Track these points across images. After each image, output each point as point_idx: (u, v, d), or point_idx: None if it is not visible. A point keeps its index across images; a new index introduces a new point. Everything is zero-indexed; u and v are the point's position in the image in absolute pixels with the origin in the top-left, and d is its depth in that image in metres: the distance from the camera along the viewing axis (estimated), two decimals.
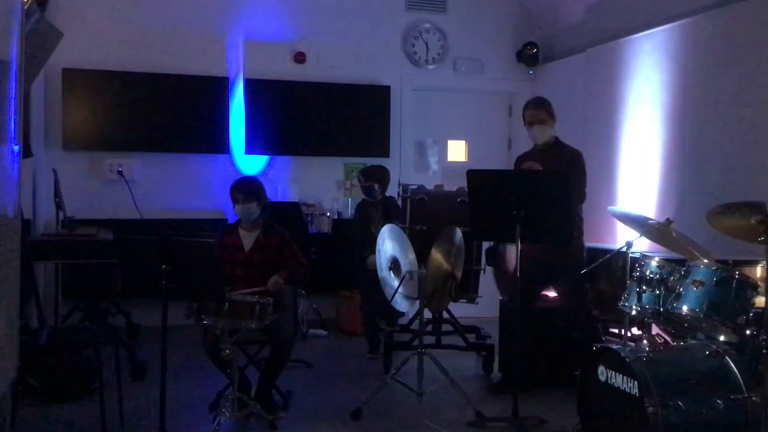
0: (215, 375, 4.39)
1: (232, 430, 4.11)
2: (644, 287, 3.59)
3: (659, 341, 3.96)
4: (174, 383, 4.16)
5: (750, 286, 3.42)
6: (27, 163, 5.23)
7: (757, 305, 3.40)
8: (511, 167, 5.51)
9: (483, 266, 5.37)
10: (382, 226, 4.82)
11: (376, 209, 5.97)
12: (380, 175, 6.02)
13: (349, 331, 6.69)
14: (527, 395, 4.40)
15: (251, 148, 7.12)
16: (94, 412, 3.97)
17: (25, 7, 3.49)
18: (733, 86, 5.11)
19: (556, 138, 4.91)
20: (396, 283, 4.51)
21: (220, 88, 7.05)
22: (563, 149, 4.88)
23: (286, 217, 5.80)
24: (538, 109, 4.87)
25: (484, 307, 5.58)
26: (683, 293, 3.49)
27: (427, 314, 5.11)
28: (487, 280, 5.47)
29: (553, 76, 7.45)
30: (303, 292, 6.48)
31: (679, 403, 3.16)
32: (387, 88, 7.47)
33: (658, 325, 3.87)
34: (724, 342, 3.46)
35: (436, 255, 4.45)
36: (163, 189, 6.97)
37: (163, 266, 3.58)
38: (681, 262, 3.68)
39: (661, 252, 4.28)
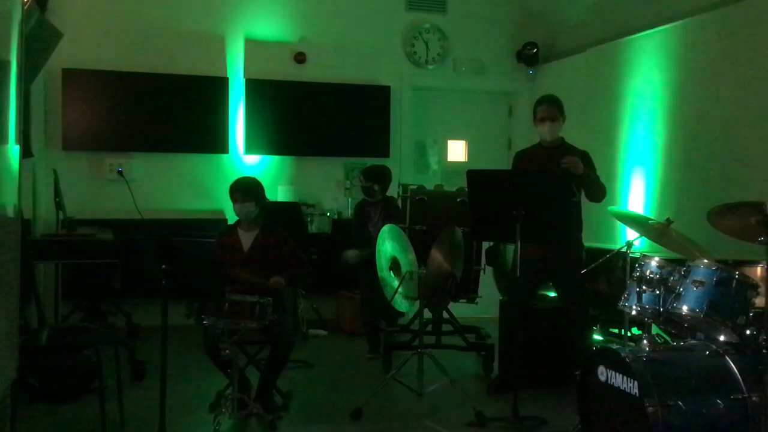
0: (215, 375, 4.39)
1: (232, 430, 4.11)
2: (644, 287, 3.58)
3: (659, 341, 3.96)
4: (174, 383, 4.15)
5: (750, 286, 3.42)
6: (27, 163, 5.24)
7: (757, 305, 3.40)
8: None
9: (483, 266, 5.37)
10: (381, 226, 4.81)
11: (375, 209, 5.97)
12: (381, 176, 6.01)
13: (349, 331, 6.69)
14: (527, 395, 4.40)
15: (251, 148, 7.12)
16: (94, 412, 3.96)
17: (25, 7, 3.50)
18: (732, 86, 5.11)
19: (563, 138, 4.89)
20: (396, 283, 4.51)
21: (220, 88, 7.05)
22: (572, 150, 4.80)
23: (286, 217, 5.80)
24: (552, 106, 4.79)
25: (484, 307, 5.58)
26: (683, 293, 3.49)
27: (427, 314, 5.11)
28: (487, 280, 5.47)
29: (553, 76, 7.44)
30: (303, 292, 6.48)
31: (679, 403, 3.15)
32: (387, 88, 7.47)
33: (658, 325, 3.86)
34: (724, 342, 3.46)
35: (436, 255, 4.45)
36: (163, 189, 6.97)
37: (163, 266, 3.59)
38: (681, 262, 3.68)
39: (661, 252, 4.28)
